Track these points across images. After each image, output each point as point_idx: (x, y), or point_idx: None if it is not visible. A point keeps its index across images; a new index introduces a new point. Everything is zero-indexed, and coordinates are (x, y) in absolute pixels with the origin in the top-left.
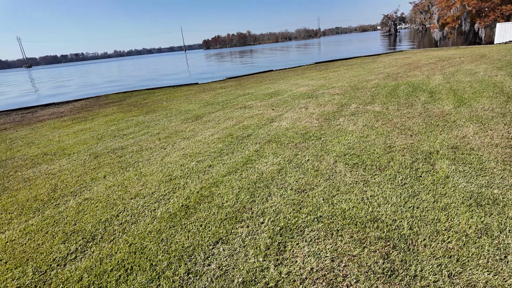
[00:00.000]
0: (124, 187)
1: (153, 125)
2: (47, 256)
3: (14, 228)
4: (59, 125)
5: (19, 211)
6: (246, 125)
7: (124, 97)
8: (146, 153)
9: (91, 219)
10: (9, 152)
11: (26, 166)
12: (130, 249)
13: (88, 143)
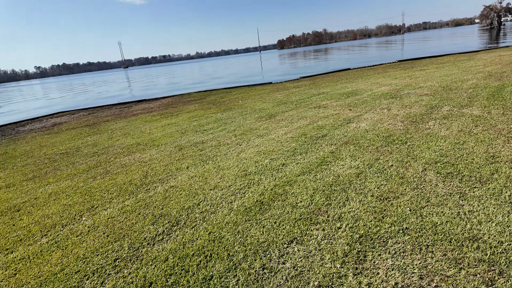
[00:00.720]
0: (204, 178)
1: (230, 122)
2: (139, 235)
3: (113, 207)
4: (150, 119)
5: (117, 192)
6: (320, 125)
7: (204, 95)
8: (224, 148)
9: (175, 205)
10: (110, 141)
11: (123, 154)
12: (209, 237)
13: (173, 136)
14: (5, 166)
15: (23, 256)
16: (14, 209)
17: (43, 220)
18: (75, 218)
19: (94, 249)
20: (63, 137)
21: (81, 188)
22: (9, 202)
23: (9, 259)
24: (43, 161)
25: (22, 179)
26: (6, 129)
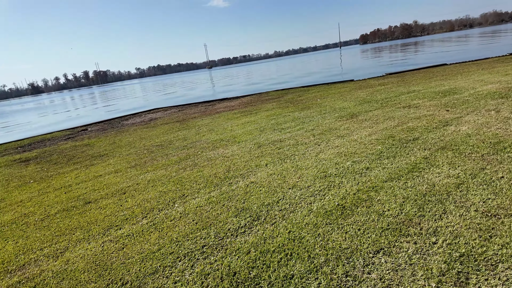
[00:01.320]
0: (282, 176)
1: (308, 121)
2: (224, 225)
3: (201, 197)
4: (231, 116)
5: (204, 184)
6: (411, 127)
7: (281, 94)
8: (302, 148)
9: (256, 200)
10: (197, 136)
11: (209, 148)
12: (289, 236)
13: (253, 134)
14: (113, 154)
15: (129, 233)
16: (121, 191)
17: (143, 203)
18: (169, 204)
19: (185, 234)
20: (158, 131)
21: (174, 178)
22: (117, 186)
23: (118, 234)
24: (142, 151)
25: (126, 166)
26: (114, 122)
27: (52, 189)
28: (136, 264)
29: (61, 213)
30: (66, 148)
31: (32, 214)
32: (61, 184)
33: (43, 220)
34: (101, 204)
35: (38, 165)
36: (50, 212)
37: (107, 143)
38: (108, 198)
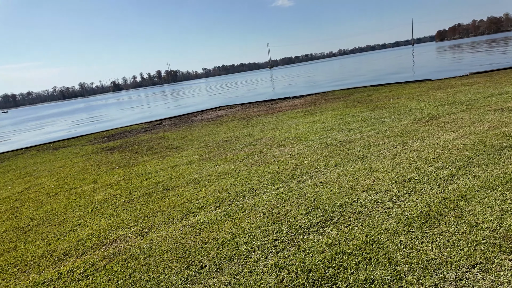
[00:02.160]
0: (355, 178)
1: (380, 122)
2: (295, 222)
3: (270, 192)
4: (295, 115)
5: (272, 180)
6: (506, 132)
7: (348, 93)
8: (375, 150)
9: (327, 200)
10: (262, 133)
11: (274, 146)
12: (366, 240)
13: (318, 133)
14: (186, 147)
15: (204, 220)
16: (195, 181)
17: (216, 193)
18: (240, 196)
19: (257, 226)
20: (225, 127)
21: (242, 172)
22: (191, 176)
23: (195, 220)
24: (211, 145)
25: (198, 159)
26: (185, 118)
27: (134, 175)
28: (212, 249)
29: (144, 197)
30: (144, 139)
31: (120, 196)
32: (142, 171)
33: (129, 202)
34: (178, 192)
35: (121, 153)
36: (134, 195)
37: (179, 137)
38: (183, 186)
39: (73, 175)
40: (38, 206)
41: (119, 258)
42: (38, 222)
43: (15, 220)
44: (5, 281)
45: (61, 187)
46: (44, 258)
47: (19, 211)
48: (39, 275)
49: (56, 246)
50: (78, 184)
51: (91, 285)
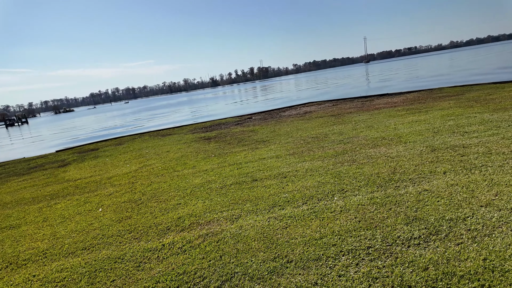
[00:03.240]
0: (470, 190)
1: (505, 126)
2: (392, 231)
3: (362, 195)
4: (394, 114)
5: (365, 182)
6: None
7: (461, 91)
8: (497, 158)
9: (432, 212)
10: (355, 131)
11: (368, 146)
12: (485, 264)
13: (423, 134)
14: (274, 141)
15: (291, 215)
16: (282, 175)
17: (303, 190)
18: (328, 195)
19: (347, 229)
20: (313, 124)
21: (331, 170)
22: (278, 169)
23: (282, 214)
24: (299, 141)
25: (286, 153)
26: (273, 113)
27: (227, 164)
28: (299, 246)
29: (235, 185)
30: (236, 132)
31: (214, 181)
32: (234, 161)
33: (221, 188)
34: (266, 184)
35: (216, 143)
36: (227, 182)
37: (268, 131)
38: (271, 179)
39: (176, 160)
40: (148, 184)
41: (212, 239)
42: (148, 197)
43: (131, 194)
44: (121, 244)
45: (167, 169)
46: (151, 229)
47: (134, 186)
48: (147, 243)
49: (160, 220)
50: (180, 168)
51: (187, 260)
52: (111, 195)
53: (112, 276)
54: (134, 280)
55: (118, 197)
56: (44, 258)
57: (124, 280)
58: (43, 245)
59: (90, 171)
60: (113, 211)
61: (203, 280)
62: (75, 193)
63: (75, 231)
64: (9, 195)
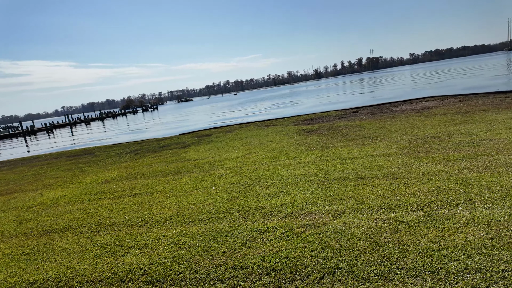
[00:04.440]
0: None
1: None
2: None
3: (497, 209)
4: None
5: (503, 194)
6: None
7: None
8: None
9: None
10: (489, 133)
11: (508, 151)
12: None
13: None
14: (383, 137)
15: (403, 219)
16: (392, 176)
17: (418, 194)
18: (450, 204)
19: (475, 245)
20: (433, 121)
21: (455, 176)
22: (388, 169)
23: (392, 217)
24: (415, 140)
25: (398, 152)
26: (383, 107)
27: (329, 158)
28: (412, 254)
29: (337, 180)
30: (339, 126)
31: (315, 174)
32: (337, 156)
33: (323, 182)
34: (373, 183)
35: (318, 136)
36: (329, 177)
37: (376, 127)
38: (379, 178)
39: (278, 150)
40: (254, 170)
41: (313, 230)
42: (253, 182)
43: (238, 177)
44: (231, 221)
45: (269, 158)
46: (256, 211)
47: (241, 170)
48: (252, 223)
49: (265, 204)
50: (282, 158)
51: (290, 246)
52: (222, 176)
53: (223, 247)
54: (242, 255)
55: (228, 178)
56: (171, 223)
57: (233, 253)
58: (169, 212)
59: (205, 153)
60: (224, 190)
61: (305, 268)
62: (193, 171)
63: (194, 203)
64: (145, 168)
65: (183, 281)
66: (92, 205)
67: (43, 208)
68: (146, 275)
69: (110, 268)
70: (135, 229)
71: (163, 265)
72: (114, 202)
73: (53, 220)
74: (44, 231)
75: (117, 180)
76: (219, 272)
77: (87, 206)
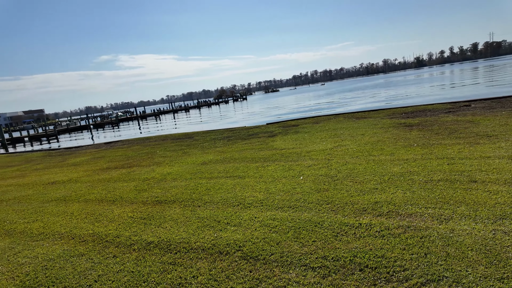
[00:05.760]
0: None
1: None
2: None
3: None
4: None
5: None
6: None
7: None
8: None
9: None
10: None
11: None
12: None
13: None
14: (506, 136)
15: None
16: None
17: None
18: None
19: None
20: None
21: None
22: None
23: None
24: None
25: None
26: (506, 102)
27: (434, 157)
28: None
29: (444, 182)
30: (447, 121)
31: (417, 173)
32: (443, 154)
33: (426, 182)
34: (490, 188)
35: (420, 132)
36: (433, 177)
37: (496, 123)
38: (499, 184)
39: (371, 144)
40: (343, 163)
41: (414, 233)
42: (343, 175)
43: (327, 169)
44: (320, 212)
45: (361, 152)
46: (347, 206)
47: (330, 163)
48: (343, 217)
49: (356, 199)
50: (376, 152)
51: (386, 246)
52: (310, 167)
53: (313, 237)
54: (333, 247)
55: (316, 170)
56: (261, 206)
57: (323, 244)
58: (260, 196)
59: (292, 143)
60: (312, 181)
61: (404, 270)
62: (281, 160)
63: (282, 191)
64: (237, 153)
65: (274, 262)
66: (194, 183)
67: (155, 182)
68: (241, 251)
69: (210, 240)
70: (230, 208)
71: (256, 244)
72: (211, 182)
73: (163, 192)
74: (156, 201)
75: (213, 162)
76: (310, 260)
77: (189, 184)
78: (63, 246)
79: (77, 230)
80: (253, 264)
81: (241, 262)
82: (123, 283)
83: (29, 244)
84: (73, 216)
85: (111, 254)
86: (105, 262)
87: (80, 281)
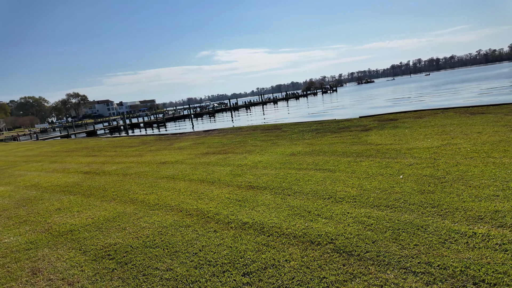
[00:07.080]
0: None
1: None
2: None
3: None
4: None
5: None
6: None
7: None
8: None
9: None
10: None
11: None
12: None
13: None
14: None
15: None
16: None
17: None
18: None
19: None
20: None
21: None
22: None
23: None
24: None
25: None
26: None
27: None
28: None
29: None
30: None
31: None
32: None
33: None
34: None
35: None
36: None
37: None
38: None
39: (491, 144)
40: (454, 164)
41: None
42: (453, 178)
43: (433, 169)
44: (424, 215)
45: (477, 152)
46: (458, 212)
47: (436, 163)
48: (453, 224)
49: (470, 206)
50: (497, 154)
51: (510, 262)
52: (411, 166)
53: (414, 240)
54: (439, 254)
55: (419, 169)
56: (354, 202)
57: (427, 249)
58: (353, 191)
59: (389, 139)
60: (414, 181)
61: None
62: (376, 156)
63: (378, 188)
64: (326, 146)
65: (370, 260)
66: (283, 172)
67: (247, 168)
68: (333, 243)
69: (301, 228)
70: (320, 200)
71: (349, 239)
72: (301, 173)
73: (255, 179)
74: (249, 186)
75: (302, 154)
76: (411, 264)
77: (279, 173)
78: (173, 217)
79: (184, 205)
80: (346, 258)
81: (333, 254)
82: (223, 255)
83: (147, 212)
84: (180, 193)
85: (212, 228)
86: (207, 235)
87: (188, 248)
